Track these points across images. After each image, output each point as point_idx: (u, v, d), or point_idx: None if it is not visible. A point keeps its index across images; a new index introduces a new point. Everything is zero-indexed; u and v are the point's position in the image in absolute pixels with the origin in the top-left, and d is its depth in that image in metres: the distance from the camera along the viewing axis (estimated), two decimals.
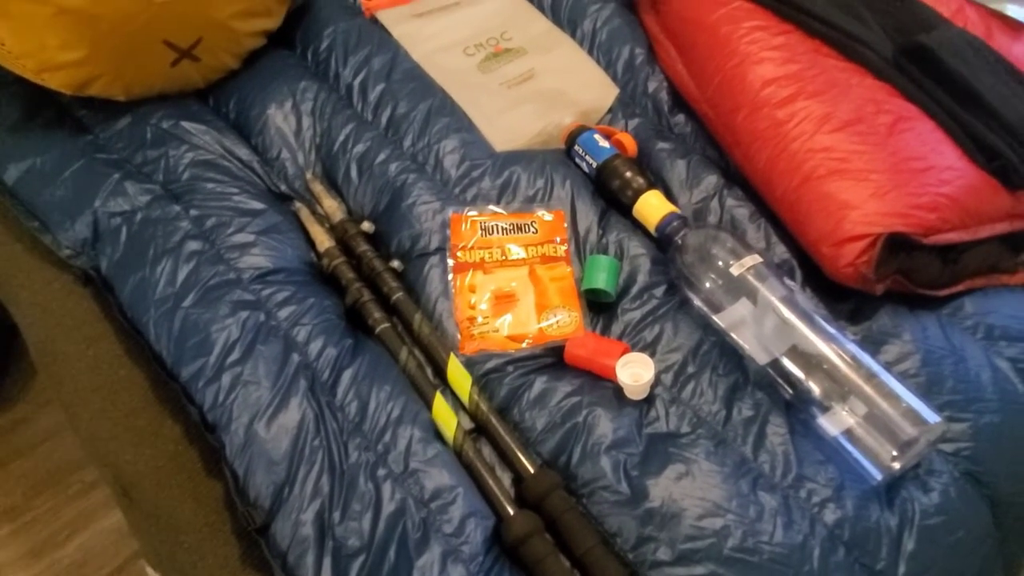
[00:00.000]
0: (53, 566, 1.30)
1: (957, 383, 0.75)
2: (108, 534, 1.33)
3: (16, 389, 1.48)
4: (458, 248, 0.86)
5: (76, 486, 1.39)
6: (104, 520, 1.35)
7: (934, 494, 0.69)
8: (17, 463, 1.40)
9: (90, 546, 1.32)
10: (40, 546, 1.32)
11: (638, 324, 0.81)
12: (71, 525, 1.34)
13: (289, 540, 0.63)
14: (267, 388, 0.70)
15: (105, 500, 1.38)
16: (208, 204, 0.85)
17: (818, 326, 0.76)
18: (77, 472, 1.40)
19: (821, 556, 0.65)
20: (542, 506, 0.67)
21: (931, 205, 0.77)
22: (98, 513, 1.36)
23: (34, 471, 1.40)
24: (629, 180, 0.89)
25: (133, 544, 1.29)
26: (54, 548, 1.32)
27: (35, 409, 1.48)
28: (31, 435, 1.45)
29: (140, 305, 0.77)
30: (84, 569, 1.30)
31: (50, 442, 1.45)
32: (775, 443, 0.71)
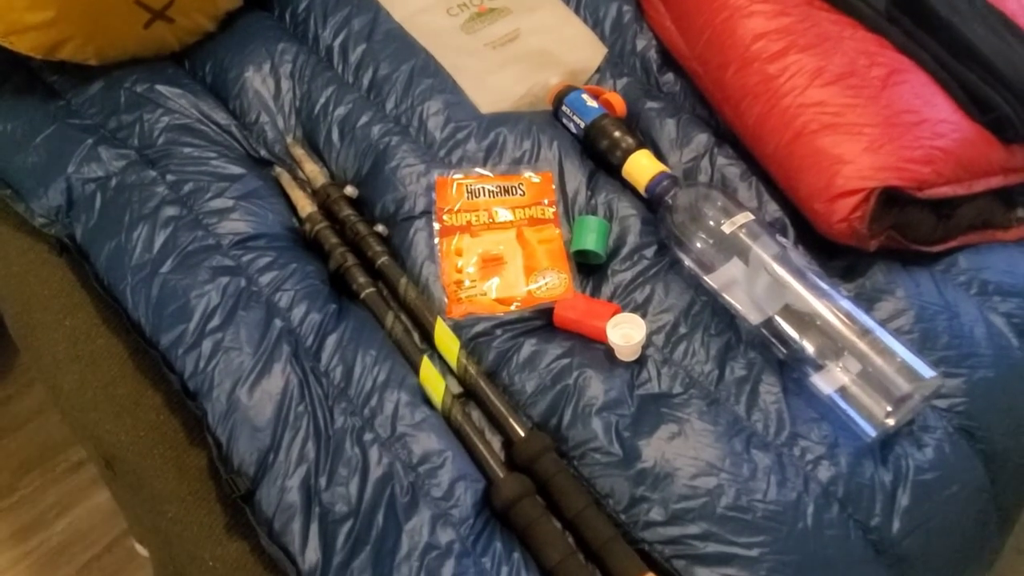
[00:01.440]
0: (41, 546, 1.29)
1: (951, 339, 0.74)
2: (96, 513, 1.32)
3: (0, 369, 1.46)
4: (444, 211, 0.84)
5: (63, 465, 1.37)
6: (92, 499, 1.33)
7: (928, 450, 0.69)
8: (3, 443, 1.38)
9: (78, 525, 1.31)
10: (28, 526, 1.31)
11: (628, 285, 0.79)
12: (59, 504, 1.33)
13: (275, 507, 0.62)
14: (249, 354, 0.69)
15: (93, 479, 1.36)
16: (185, 169, 0.83)
17: (811, 284, 0.75)
18: (64, 451, 1.38)
19: (815, 513, 0.64)
20: (533, 469, 0.66)
21: (926, 158, 0.76)
22: (86, 492, 1.34)
23: (20, 451, 1.38)
24: (618, 140, 0.87)
25: (122, 523, 1.28)
26: (42, 528, 1.31)
27: (20, 388, 1.46)
28: (17, 415, 1.43)
29: (116, 272, 0.75)
30: (73, 548, 1.29)
31: (36, 421, 1.43)
32: (768, 402, 0.71)
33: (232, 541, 0.65)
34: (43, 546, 1.29)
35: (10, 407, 1.43)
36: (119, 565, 1.27)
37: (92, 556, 1.28)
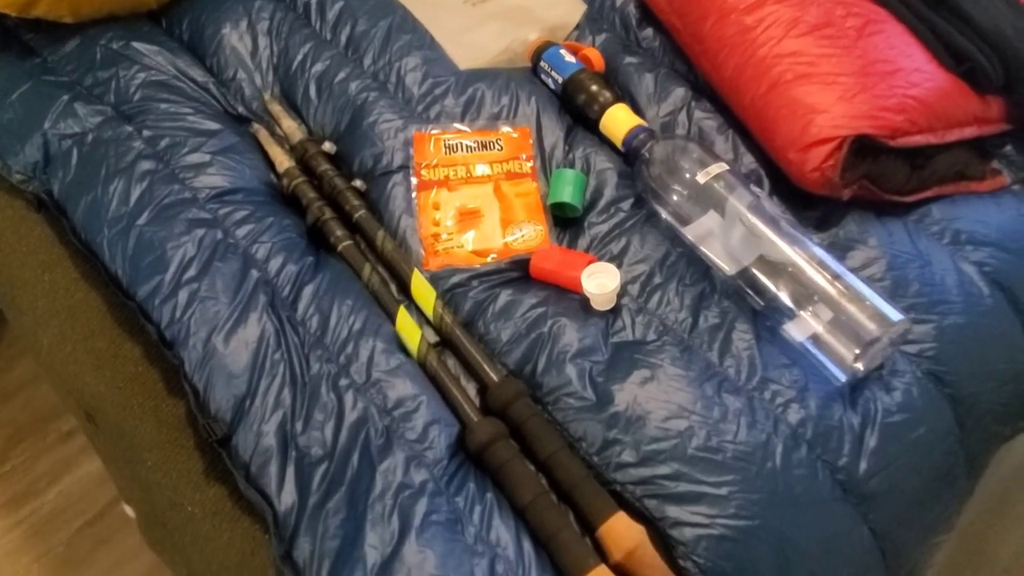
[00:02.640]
0: (33, 514, 1.30)
1: (922, 286, 0.75)
2: (88, 481, 1.33)
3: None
4: (422, 166, 0.84)
5: (54, 434, 1.38)
6: (83, 467, 1.34)
7: (896, 393, 0.70)
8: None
9: (70, 493, 1.32)
10: (20, 495, 1.32)
11: (605, 237, 0.80)
12: (50, 473, 1.34)
13: (251, 451, 0.63)
14: (225, 303, 0.69)
15: (83, 448, 1.37)
16: (161, 124, 0.83)
17: (785, 233, 0.76)
18: (55, 421, 1.39)
19: (784, 453, 0.65)
20: (507, 413, 0.67)
21: (899, 107, 0.76)
22: (77, 460, 1.35)
23: (11, 421, 1.39)
24: (595, 94, 0.87)
25: (112, 490, 1.28)
26: (34, 496, 1.32)
27: (10, 359, 1.46)
28: (7, 385, 1.43)
29: (93, 226, 0.75)
30: (64, 515, 1.30)
31: (26, 392, 1.43)
32: (740, 348, 0.71)
33: (210, 486, 0.66)
34: (35, 514, 1.30)
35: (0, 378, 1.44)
36: (111, 531, 1.28)
37: (84, 522, 1.29)
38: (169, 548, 0.71)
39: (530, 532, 0.61)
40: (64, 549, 1.27)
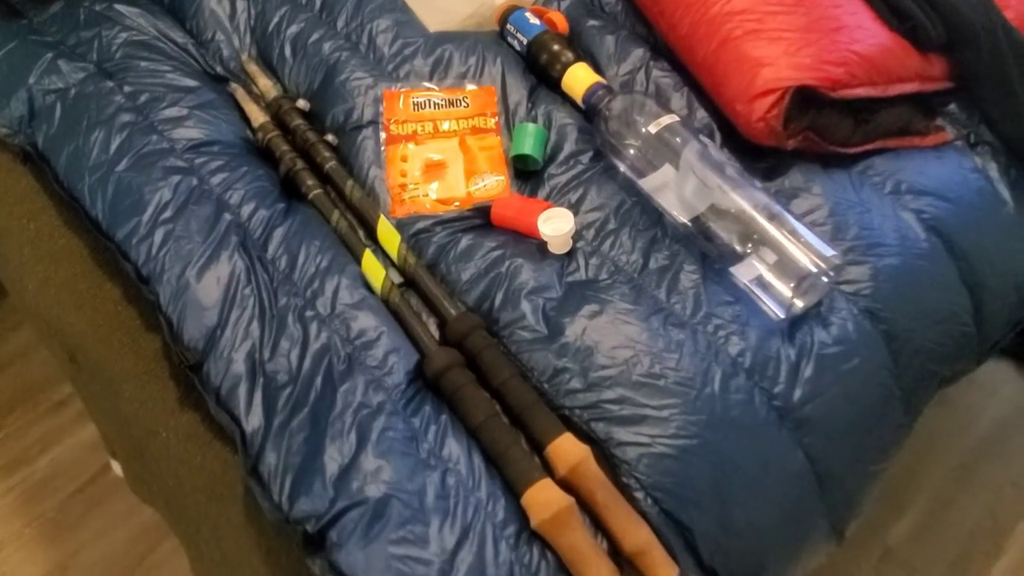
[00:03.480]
0: (25, 480, 1.33)
1: (861, 230, 0.78)
2: (78, 449, 1.35)
3: None
4: (391, 122, 0.88)
5: (46, 404, 1.41)
6: (74, 436, 1.37)
7: (833, 328, 0.73)
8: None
9: (61, 460, 1.35)
10: (12, 462, 1.34)
11: (563, 187, 0.83)
12: (42, 441, 1.37)
13: (222, 376, 0.66)
14: (199, 242, 0.73)
15: (75, 417, 1.39)
16: (142, 81, 0.86)
17: (732, 180, 0.79)
18: (47, 391, 1.42)
19: (722, 379, 0.69)
20: (463, 344, 0.70)
21: (840, 60, 0.80)
22: (68, 430, 1.38)
23: (4, 391, 1.41)
24: (557, 54, 0.91)
25: (103, 457, 1.31)
26: (26, 463, 1.34)
27: (4, 332, 1.48)
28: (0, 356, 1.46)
29: (75, 173, 0.79)
30: (56, 482, 1.33)
31: (19, 363, 1.46)
32: (686, 286, 0.75)
33: (184, 413, 0.70)
34: (27, 480, 1.33)
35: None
36: (102, 496, 1.31)
37: (75, 488, 1.32)
38: (148, 480, 0.75)
39: (481, 450, 0.65)
40: (56, 513, 1.29)
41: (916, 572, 1.21)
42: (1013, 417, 1.37)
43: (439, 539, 0.58)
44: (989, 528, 1.25)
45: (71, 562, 1.25)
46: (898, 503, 1.28)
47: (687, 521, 0.64)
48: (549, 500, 0.60)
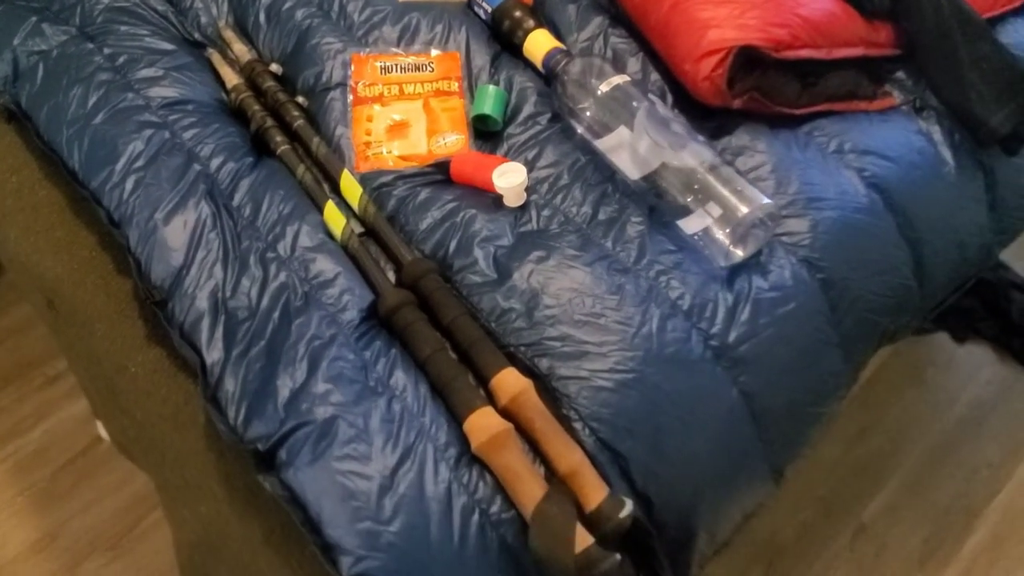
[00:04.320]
0: (17, 452, 1.36)
1: (802, 185, 0.81)
2: (70, 422, 1.38)
3: None
4: (359, 84, 0.91)
5: (39, 379, 1.44)
6: (67, 409, 1.40)
7: (771, 275, 0.76)
8: None
9: (53, 432, 1.38)
10: (6, 433, 1.38)
11: (521, 146, 0.86)
12: (35, 414, 1.40)
13: (186, 312, 0.70)
14: (167, 189, 0.76)
15: (68, 391, 1.42)
16: (121, 44, 0.89)
17: (681, 138, 0.82)
18: (41, 366, 1.45)
19: (660, 320, 0.72)
20: (417, 286, 0.73)
21: (783, 23, 0.83)
22: (61, 403, 1.41)
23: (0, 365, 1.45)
24: (519, 20, 0.94)
25: (93, 431, 1.33)
26: (19, 435, 1.38)
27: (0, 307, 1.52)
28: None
29: (54, 128, 0.82)
30: (48, 454, 1.36)
31: (13, 339, 1.49)
32: (632, 236, 0.78)
33: (151, 349, 0.73)
34: (20, 451, 1.36)
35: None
36: (92, 468, 1.34)
37: (67, 459, 1.35)
38: (118, 416, 0.78)
39: (428, 382, 0.68)
40: (47, 484, 1.32)
41: (888, 548, 1.23)
42: (991, 400, 1.39)
43: (382, 457, 0.61)
44: (963, 507, 1.27)
45: (61, 530, 1.28)
46: (873, 481, 1.30)
47: (621, 449, 0.67)
48: (488, 425, 0.63)
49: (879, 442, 1.35)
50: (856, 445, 1.34)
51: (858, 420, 1.36)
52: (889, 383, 1.41)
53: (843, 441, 1.34)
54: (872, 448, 1.35)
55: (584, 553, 0.58)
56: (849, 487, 1.30)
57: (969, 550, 1.23)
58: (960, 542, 1.24)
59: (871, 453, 1.34)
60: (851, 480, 1.31)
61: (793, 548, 1.24)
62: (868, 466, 1.32)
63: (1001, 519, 1.26)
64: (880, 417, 1.38)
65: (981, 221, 0.91)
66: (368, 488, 0.59)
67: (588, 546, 0.59)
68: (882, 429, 1.37)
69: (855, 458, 1.33)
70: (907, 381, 1.42)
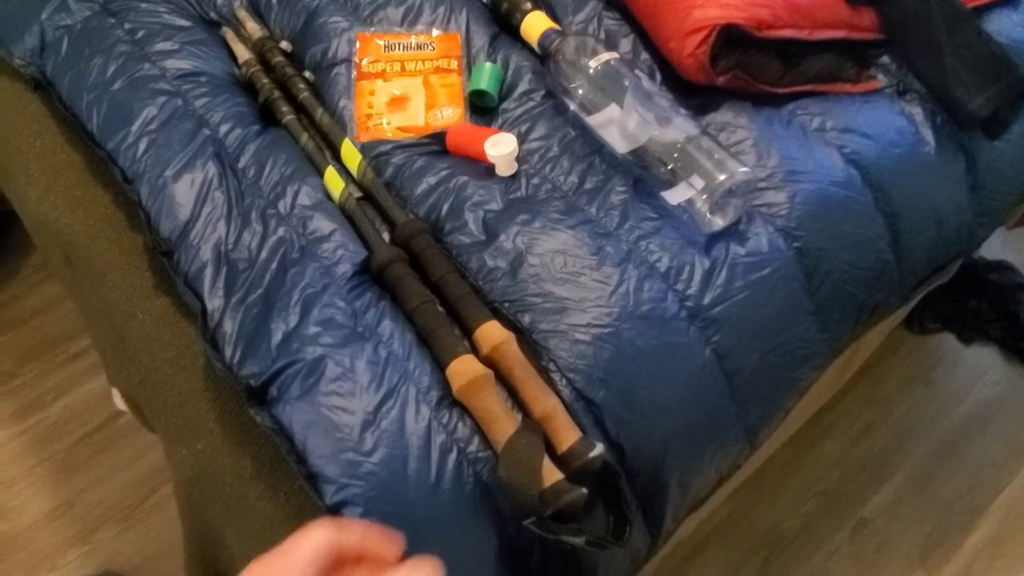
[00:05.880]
0: (38, 424, 1.40)
1: (782, 159, 0.83)
2: (90, 397, 1.42)
3: (9, 270, 1.57)
4: (363, 61, 0.94)
5: (62, 356, 1.48)
6: (87, 385, 1.44)
7: (748, 243, 0.78)
8: (8, 336, 1.50)
9: (73, 407, 1.42)
10: (27, 407, 1.42)
11: (515, 120, 0.89)
12: (56, 389, 1.44)
13: (190, 261, 0.73)
14: (177, 150, 0.79)
15: (88, 368, 1.46)
16: (141, 19, 0.93)
17: (665, 112, 0.84)
18: (64, 344, 1.49)
19: (638, 279, 0.74)
20: (409, 245, 0.76)
21: (765, 3, 0.84)
22: (81, 379, 1.45)
23: (23, 342, 1.49)
24: (517, 3, 0.96)
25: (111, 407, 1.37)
26: (40, 409, 1.42)
27: (27, 288, 1.57)
28: (22, 311, 1.54)
29: (76, 93, 0.86)
30: (67, 426, 1.40)
31: (38, 318, 1.54)
32: (615, 203, 0.80)
33: (157, 298, 0.76)
34: (40, 424, 1.40)
35: (15, 305, 1.54)
36: (109, 442, 1.38)
37: (84, 433, 1.39)
38: (126, 364, 0.81)
39: (416, 332, 0.71)
40: (65, 455, 1.37)
41: (889, 543, 1.23)
42: (997, 400, 1.39)
43: (366, 395, 0.64)
44: (965, 504, 1.26)
45: (77, 499, 1.32)
46: (877, 476, 1.30)
47: (595, 398, 0.69)
48: (468, 370, 0.66)
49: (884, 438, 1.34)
50: (861, 441, 1.34)
51: (864, 416, 1.36)
52: (897, 381, 1.40)
53: (848, 436, 1.33)
54: (877, 444, 1.33)
55: (552, 487, 0.60)
56: (852, 482, 1.29)
57: (970, 547, 1.22)
58: (962, 539, 1.23)
59: (875, 449, 1.33)
60: (854, 475, 1.30)
61: (793, 540, 1.24)
62: (872, 462, 1.32)
63: (1004, 517, 1.25)
64: (886, 414, 1.37)
65: (960, 201, 0.92)
66: (351, 422, 0.62)
67: (556, 480, 0.61)
68: (888, 426, 1.36)
69: (859, 453, 1.32)
70: (915, 380, 1.41)
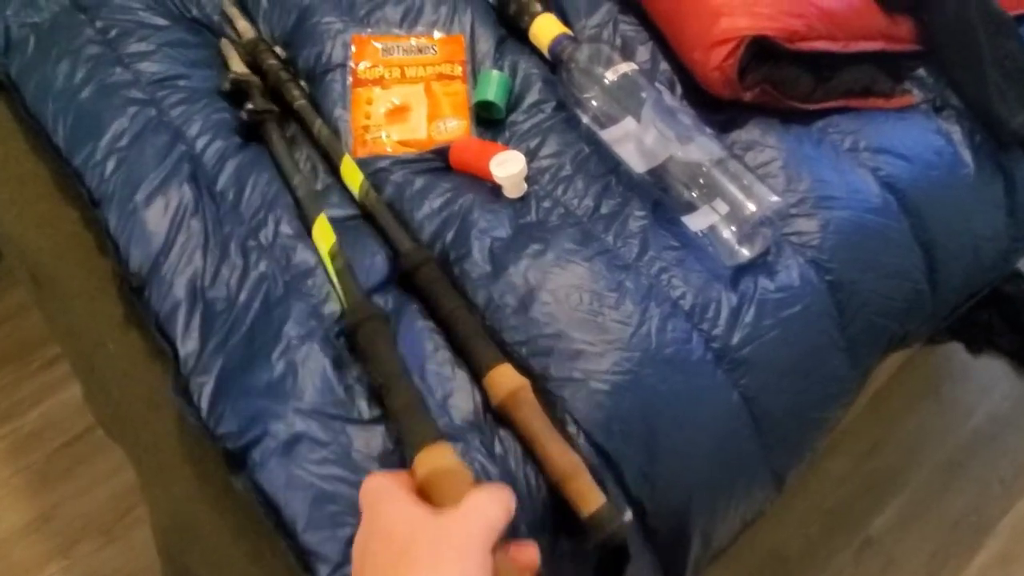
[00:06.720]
0: (14, 432, 1.32)
1: (813, 182, 0.75)
2: (68, 405, 1.34)
3: None
4: (359, 66, 0.85)
5: (38, 362, 1.39)
6: (65, 393, 1.35)
7: (778, 276, 0.70)
8: None
9: (50, 415, 1.34)
10: (3, 414, 1.33)
11: (524, 134, 0.81)
12: (32, 396, 1.36)
13: (162, 300, 0.64)
14: (150, 169, 0.71)
15: (66, 374, 1.37)
16: (114, 17, 0.84)
17: (688, 130, 0.76)
18: (39, 349, 1.40)
19: (660, 319, 0.66)
20: (414, 277, 0.68)
21: (798, 12, 0.76)
22: (58, 386, 1.36)
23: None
24: (526, 4, 0.87)
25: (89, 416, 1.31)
26: (15, 416, 1.33)
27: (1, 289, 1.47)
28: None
29: (41, 101, 0.77)
30: (44, 435, 1.31)
31: (13, 321, 1.44)
32: (634, 230, 0.72)
33: (130, 328, 0.68)
34: (16, 432, 1.32)
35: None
36: (88, 452, 1.29)
37: (63, 442, 1.31)
38: (97, 393, 0.73)
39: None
40: (43, 465, 1.28)
41: (895, 562, 1.18)
42: (1006, 415, 1.33)
43: (361, 459, 0.56)
44: (973, 523, 1.21)
45: (54, 512, 1.24)
46: (883, 494, 1.25)
47: (615, 453, 0.61)
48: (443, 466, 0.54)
49: (890, 456, 1.29)
50: (867, 459, 1.28)
51: (870, 434, 1.30)
52: (903, 396, 1.35)
53: (854, 455, 1.28)
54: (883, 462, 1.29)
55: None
56: (857, 500, 1.25)
57: (977, 566, 1.18)
58: (969, 558, 1.18)
59: (881, 467, 1.28)
60: (860, 494, 1.25)
61: (797, 561, 1.19)
62: (878, 480, 1.27)
63: (1011, 536, 1.20)
64: (892, 431, 1.32)
65: (998, 226, 0.85)
66: (348, 493, 0.54)
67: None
68: (894, 442, 1.30)
69: (865, 472, 1.27)
70: (921, 394, 1.35)
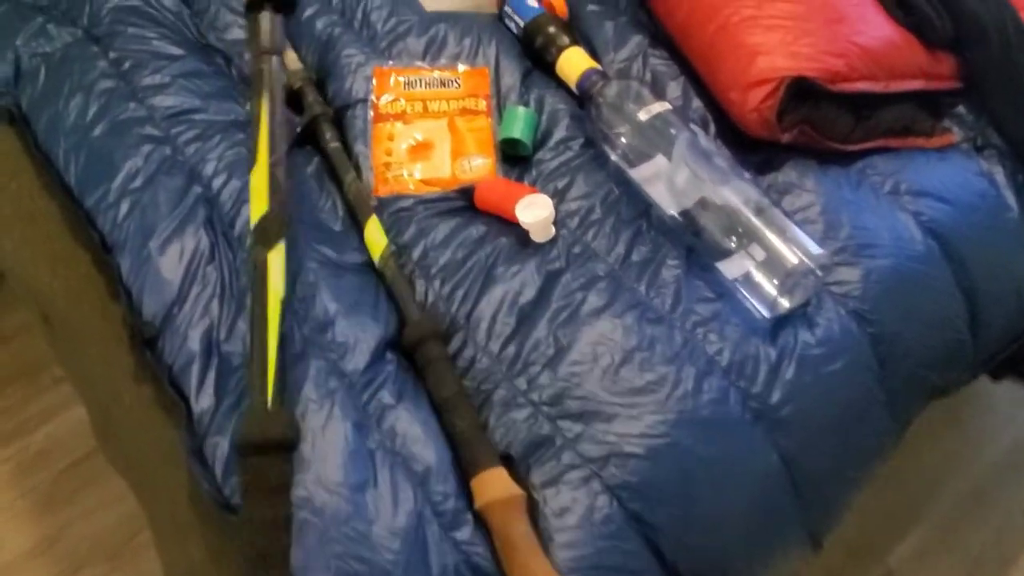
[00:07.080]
0: (20, 452, 1.28)
1: (854, 229, 0.72)
2: (76, 424, 1.29)
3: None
4: (380, 100, 0.82)
5: (45, 381, 1.34)
6: (72, 412, 1.30)
7: (818, 330, 0.67)
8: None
9: (57, 435, 1.29)
10: (8, 433, 1.29)
11: (551, 173, 0.77)
12: (40, 416, 1.31)
13: (176, 353, 0.61)
14: (164, 214, 0.67)
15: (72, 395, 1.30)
16: (127, 47, 0.81)
17: (724, 174, 0.72)
18: (47, 369, 1.35)
19: (696, 378, 0.63)
20: (416, 354, 0.65)
21: (840, 52, 0.73)
22: (66, 406, 1.31)
23: (5, 364, 1.35)
24: (553, 37, 0.84)
25: None
26: (23, 435, 1.29)
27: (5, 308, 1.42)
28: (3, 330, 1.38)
29: (52, 138, 0.74)
30: (51, 455, 1.27)
31: (20, 339, 1.39)
32: (667, 280, 0.69)
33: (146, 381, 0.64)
34: (23, 452, 1.28)
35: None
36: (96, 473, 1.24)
37: (69, 463, 1.26)
38: (113, 443, 0.70)
39: None
40: (49, 487, 1.24)
41: None
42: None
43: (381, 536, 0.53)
44: (995, 556, 1.17)
45: (61, 535, 1.20)
46: (904, 525, 1.20)
47: (651, 520, 0.58)
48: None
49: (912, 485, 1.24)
50: (887, 488, 1.23)
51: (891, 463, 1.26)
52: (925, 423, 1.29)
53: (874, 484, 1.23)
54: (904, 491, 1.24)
55: None
56: (878, 531, 1.20)
57: None
58: None
59: (901, 496, 1.23)
60: (880, 523, 1.20)
61: None
62: (899, 509, 1.22)
63: None
64: (914, 459, 1.26)
65: None
66: (368, 572, 0.51)
67: None
68: (916, 471, 1.25)
69: (885, 501, 1.22)
70: (944, 422, 1.30)
